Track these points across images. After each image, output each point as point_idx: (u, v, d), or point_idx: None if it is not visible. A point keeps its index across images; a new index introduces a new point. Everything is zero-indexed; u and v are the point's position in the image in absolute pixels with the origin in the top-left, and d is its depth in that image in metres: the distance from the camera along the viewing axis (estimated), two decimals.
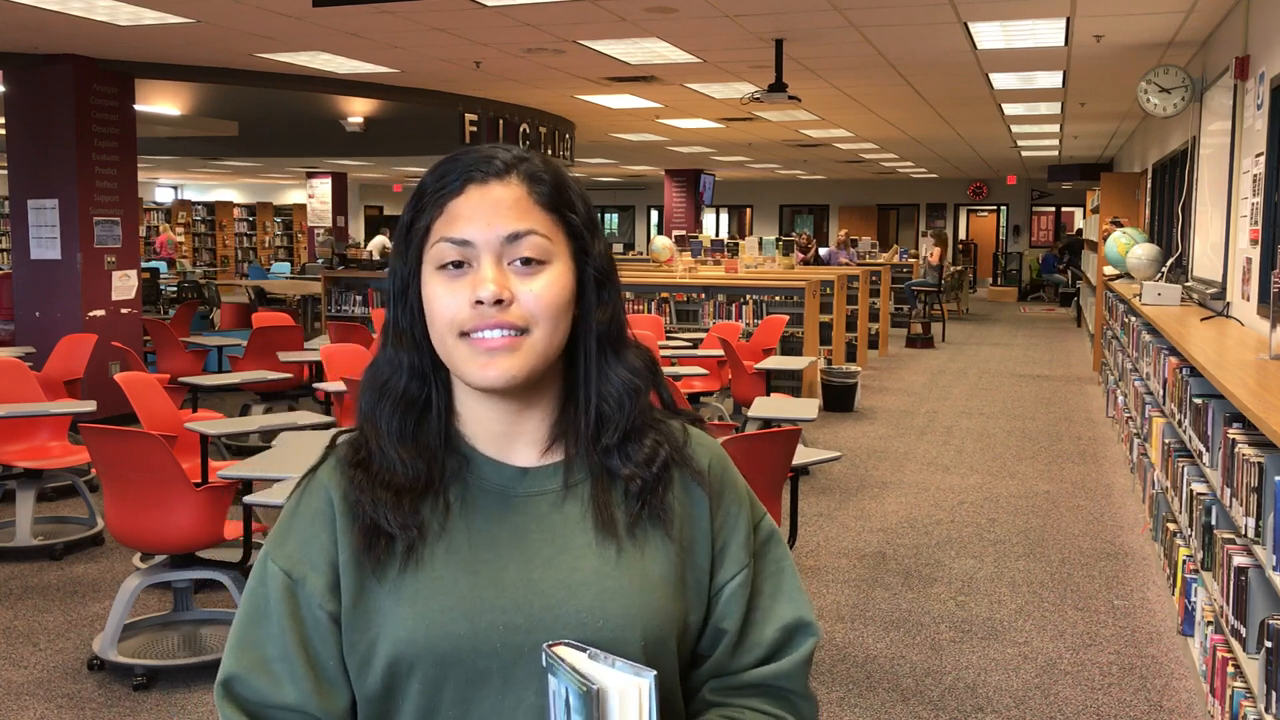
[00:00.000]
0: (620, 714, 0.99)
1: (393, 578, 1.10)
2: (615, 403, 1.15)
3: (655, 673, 0.99)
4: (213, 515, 4.19)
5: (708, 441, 1.22)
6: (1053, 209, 27.55)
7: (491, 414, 1.15)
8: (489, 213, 1.10)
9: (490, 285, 1.08)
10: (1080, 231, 22.56)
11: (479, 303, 1.08)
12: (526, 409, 1.15)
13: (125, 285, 9.04)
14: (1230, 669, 3.36)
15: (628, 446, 1.15)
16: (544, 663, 1.05)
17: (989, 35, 7.82)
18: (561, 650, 1.04)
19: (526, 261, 1.10)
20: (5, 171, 12.75)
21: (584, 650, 1.05)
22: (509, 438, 1.16)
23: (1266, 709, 2.84)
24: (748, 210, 29.83)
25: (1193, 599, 4.25)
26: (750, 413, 5.97)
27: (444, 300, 1.10)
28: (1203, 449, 3.99)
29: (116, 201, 8.89)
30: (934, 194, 27.61)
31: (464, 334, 1.09)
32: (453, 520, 1.13)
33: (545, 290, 1.10)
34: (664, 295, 10.37)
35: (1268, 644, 2.84)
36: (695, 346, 8.35)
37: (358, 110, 11.96)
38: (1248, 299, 5.52)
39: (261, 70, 9.19)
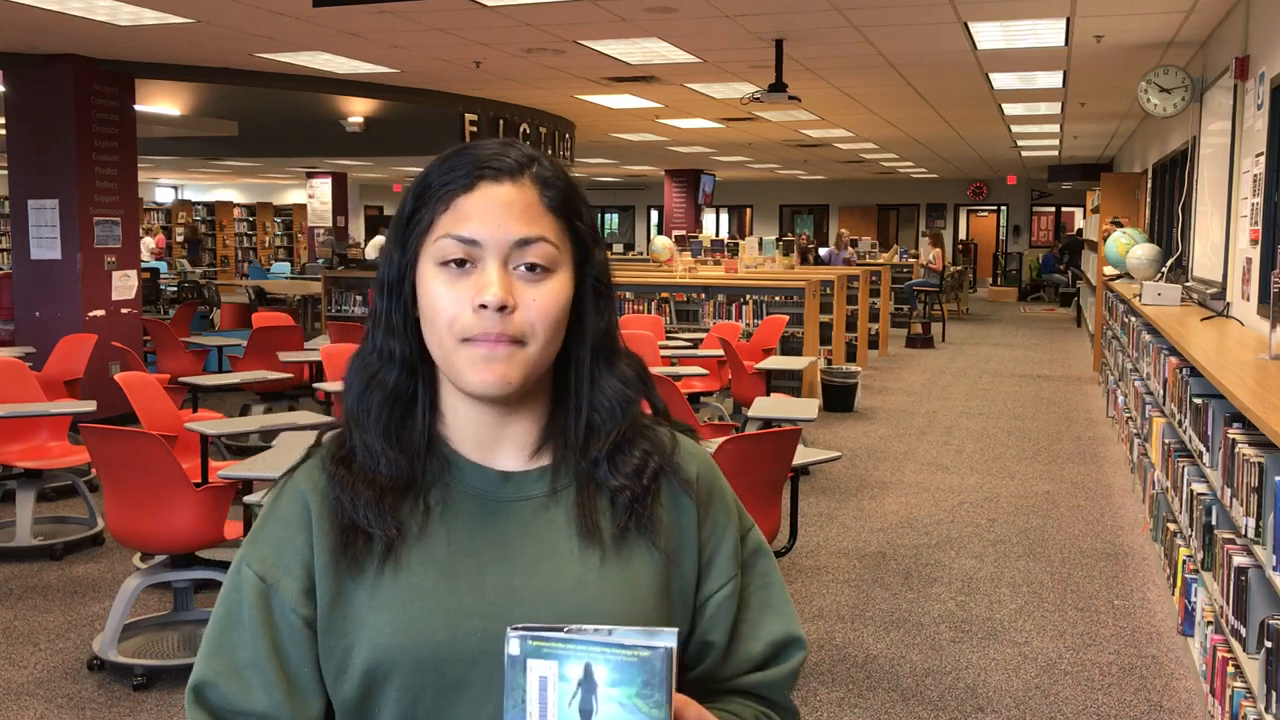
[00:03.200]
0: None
1: (370, 579, 1.08)
2: (606, 413, 1.13)
3: (676, 629, 0.92)
4: (213, 515, 4.19)
5: (697, 450, 1.20)
6: (1053, 209, 27.54)
7: (479, 416, 1.12)
8: (500, 214, 1.07)
9: (495, 289, 1.05)
10: (1080, 231, 22.56)
11: (482, 306, 1.05)
12: (515, 413, 1.13)
13: (125, 285, 9.04)
14: (1230, 669, 3.36)
15: (617, 457, 1.13)
16: (516, 650, 0.91)
17: (989, 35, 7.82)
18: (535, 630, 0.92)
19: (532, 268, 1.07)
20: (5, 171, 12.75)
21: (559, 628, 0.92)
22: (495, 441, 1.13)
23: (1266, 709, 2.84)
24: (748, 210, 29.82)
25: (1193, 599, 4.25)
26: (750, 413, 5.97)
27: (444, 300, 1.07)
28: (1203, 449, 3.99)
29: (116, 202, 8.89)
30: (934, 194, 27.61)
31: (465, 339, 1.06)
32: (433, 524, 1.10)
33: (547, 300, 1.08)
34: (664, 295, 10.36)
35: (1268, 644, 2.84)
36: (695, 346, 8.34)
37: (358, 110, 11.96)
38: (1248, 299, 5.52)
39: (261, 70, 9.19)
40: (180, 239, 25.63)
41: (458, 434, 1.14)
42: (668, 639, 0.90)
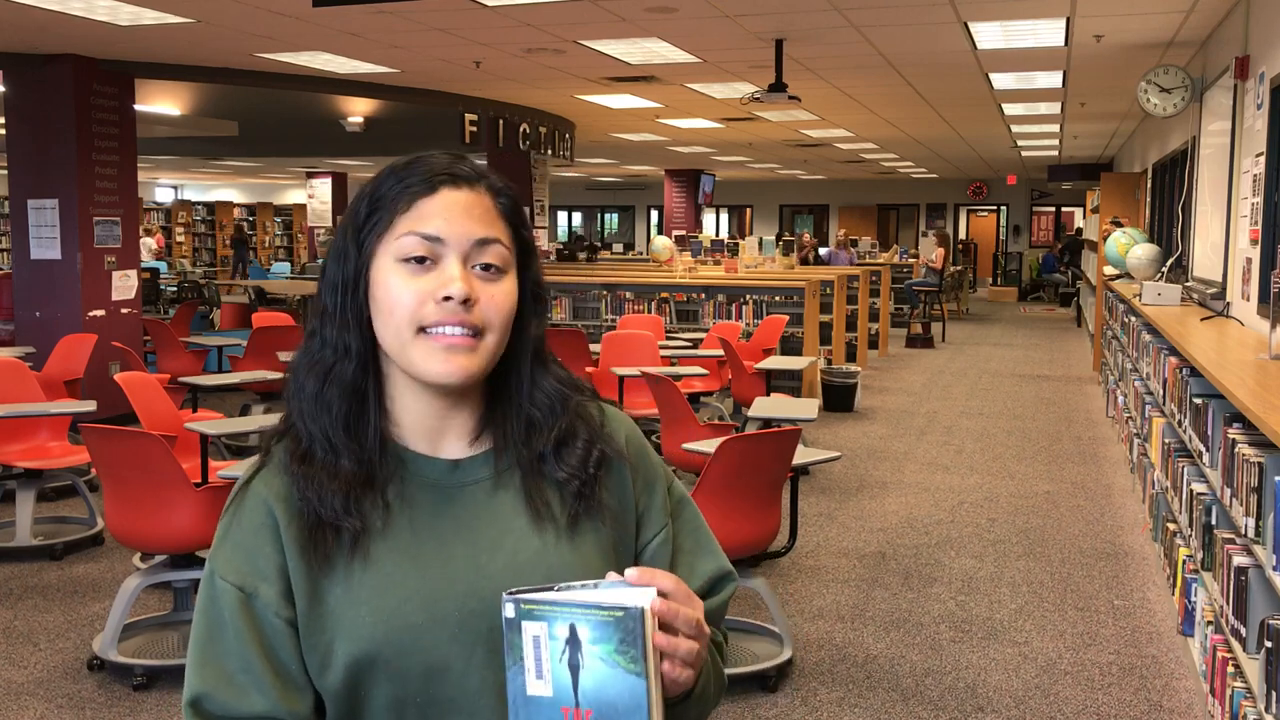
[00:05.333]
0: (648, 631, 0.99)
1: (342, 575, 1.13)
2: (546, 410, 1.22)
3: (655, 588, 1.01)
4: (213, 515, 4.19)
5: (620, 416, 1.30)
6: (1053, 209, 27.55)
7: (426, 408, 1.19)
8: (461, 215, 1.15)
9: (459, 283, 1.12)
10: (1080, 231, 22.56)
11: (447, 299, 1.12)
12: (459, 403, 1.20)
13: (125, 285, 9.04)
14: (1230, 669, 3.36)
15: (562, 450, 1.21)
16: (511, 613, 1.00)
17: (989, 35, 7.82)
18: (527, 594, 1.00)
19: (487, 267, 1.16)
20: (5, 171, 12.76)
21: (549, 588, 1.01)
22: (439, 431, 1.20)
23: (1266, 709, 2.84)
24: (748, 210, 29.83)
25: (1193, 599, 4.25)
26: (750, 413, 5.97)
27: (403, 293, 1.13)
28: (1203, 449, 3.99)
29: (116, 201, 8.89)
30: (934, 194, 27.61)
31: (422, 329, 1.13)
32: (394, 518, 1.16)
33: (503, 297, 1.16)
34: (664, 295, 10.37)
35: (1268, 644, 2.84)
36: (695, 346, 8.34)
37: (358, 110, 11.96)
38: (1248, 299, 5.52)
39: (261, 70, 9.19)
40: (227, 241, 25.78)
41: (406, 430, 1.20)
42: (644, 598, 0.99)
